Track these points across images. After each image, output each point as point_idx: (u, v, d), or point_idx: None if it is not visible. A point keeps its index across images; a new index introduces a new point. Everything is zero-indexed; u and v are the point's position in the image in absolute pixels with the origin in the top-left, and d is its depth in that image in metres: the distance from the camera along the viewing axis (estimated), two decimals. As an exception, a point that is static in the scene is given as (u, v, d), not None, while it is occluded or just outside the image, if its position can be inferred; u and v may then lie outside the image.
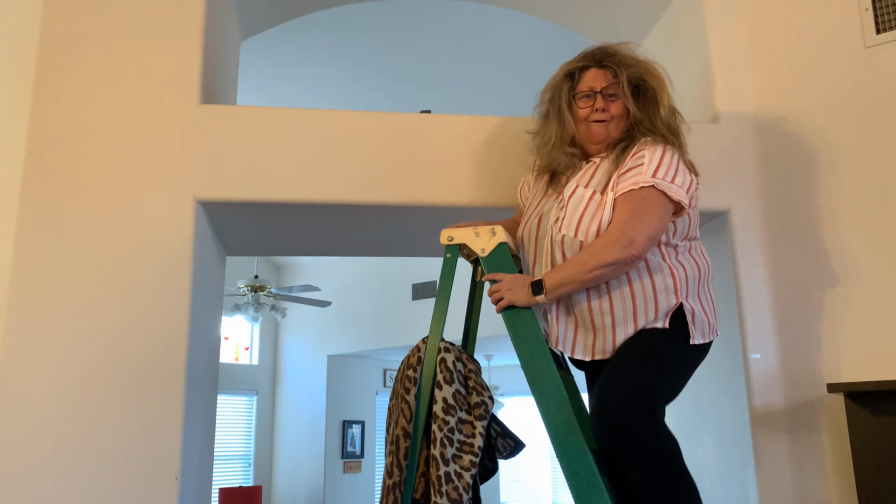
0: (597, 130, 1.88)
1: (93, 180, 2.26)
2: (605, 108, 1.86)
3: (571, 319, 1.85)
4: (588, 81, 1.89)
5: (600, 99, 1.86)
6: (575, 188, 1.85)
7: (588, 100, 1.88)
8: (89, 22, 2.37)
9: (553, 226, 1.85)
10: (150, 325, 2.19)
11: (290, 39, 4.79)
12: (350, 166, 2.38)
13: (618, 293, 1.77)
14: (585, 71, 1.91)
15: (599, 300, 1.79)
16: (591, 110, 1.87)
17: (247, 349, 9.97)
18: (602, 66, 1.89)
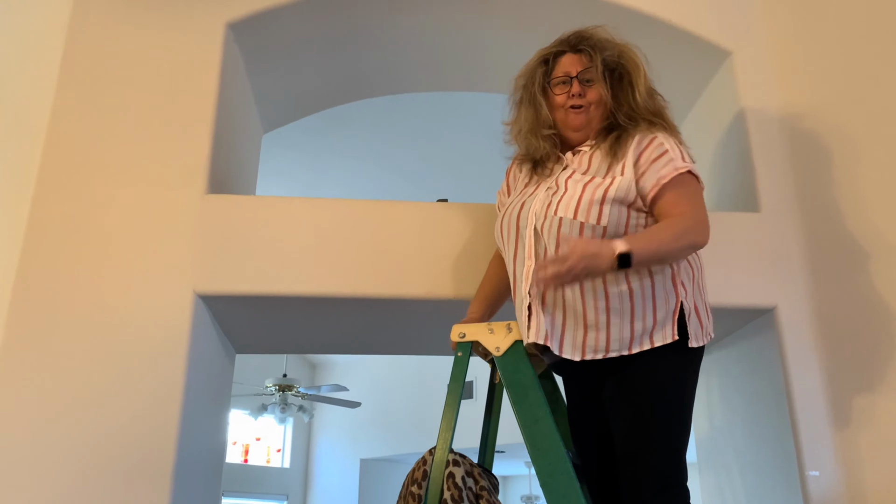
0: (575, 118, 1.80)
1: (91, 269, 2.15)
2: (581, 94, 1.78)
3: (560, 313, 1.68)
4: (563, 66, 1.82)
5: (576, 84, 1.79)
6: (571, 174, 1.77)
7: (564, 86, 1.81)
8: (98, 109, 2.33)
9: (543, 210, 1.71)
10: (139, 421, 2.03)
11: (319, 134, 4.82)
12: (362, 258, 2.24)
13: (615, 290, 1.65)
14: (561, 56, 1.84)
15: (595, 297, 1.66)
16: (568, 96, 1.80)
17: (278, 451, 9.73)
18: (577, 50, 1.82)
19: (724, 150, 2.63)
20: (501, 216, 1.85)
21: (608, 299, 1.66)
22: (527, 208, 1.77)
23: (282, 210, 2.27)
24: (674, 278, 1.71)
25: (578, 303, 1.67)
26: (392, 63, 3.05)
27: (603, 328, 1.67)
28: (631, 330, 1.67)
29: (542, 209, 1.73)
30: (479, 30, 2.85)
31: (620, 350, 1.67)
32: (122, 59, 2.39)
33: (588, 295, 1.66)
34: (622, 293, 1.66)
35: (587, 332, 1.68)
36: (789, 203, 2.41)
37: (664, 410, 1.66)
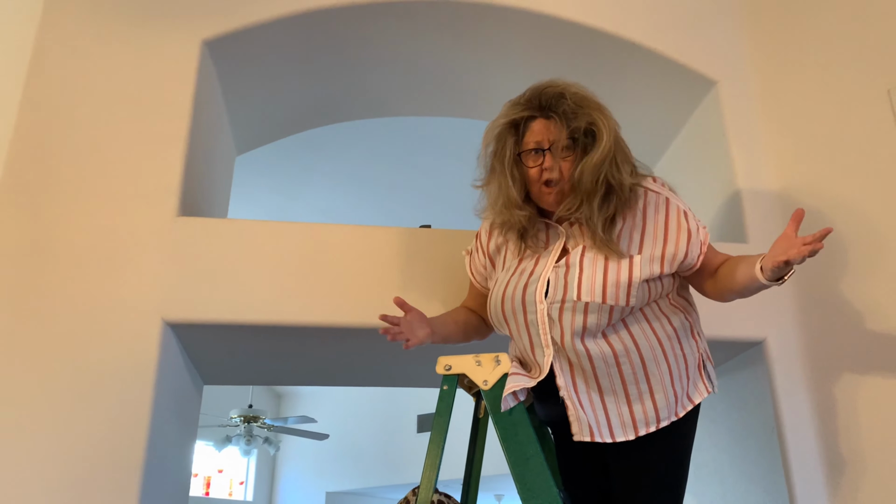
0: (549, 196, 1.64)
1: (54, 294, 2.03)
2: (553, 167, 1.61)
3: (597, 395, 1.59)
4: (534, 135, 1.64)
5: (549, 158, 1.61)
6: (583, 250, 1.62)
7: (536, 156, 1.63)
8: (65, 125, 2.22)
9: (559, 294, 1.58)
10: (103, 454, 1.91)
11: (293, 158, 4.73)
12: (339, 285, 2.14)
13: (649, 354, 1.59)
14: (531, 122, 1.65)
15: (633, 368, 1.58)
16: (540, 170, 1.62)
17: (241, 484, 9.47)
18: (548, 116, 1.63)
19: (710, 179, 2.60)
20: (500, 298, 1.68)
21: (645, 367, 1.59)
22: (531, 289, 1.63)
23: (257, 234, 2.17)
24: (692, 329, 1.68)
25: (616, 379, 1.59)
26: (370, 86, 2.99)
27: (647, 397, 1.59)
28: (674, 393, 1.61)
29: (555, 293, 1.60)
30: (459, 55, 2.81)
31: (669, 417, 1.60)
32: (91, 74, 2.29)
33: (625, 367, 1.59)
34: (657, 356, 1.60)
35: (632, 407, 1.59)
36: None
37: (674, 461, 1.62)
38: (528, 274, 1.66)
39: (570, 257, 1.63)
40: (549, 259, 1.65)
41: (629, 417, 1.59)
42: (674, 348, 1.62)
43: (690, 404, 1.62)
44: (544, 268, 1.64)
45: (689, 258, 1.63)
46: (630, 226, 1.62)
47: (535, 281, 1.63)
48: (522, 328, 1.64)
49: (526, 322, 1.63)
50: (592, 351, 1.58)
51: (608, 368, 1.58)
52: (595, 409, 1.60)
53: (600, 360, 1.58)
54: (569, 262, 1.62)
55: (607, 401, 1.60)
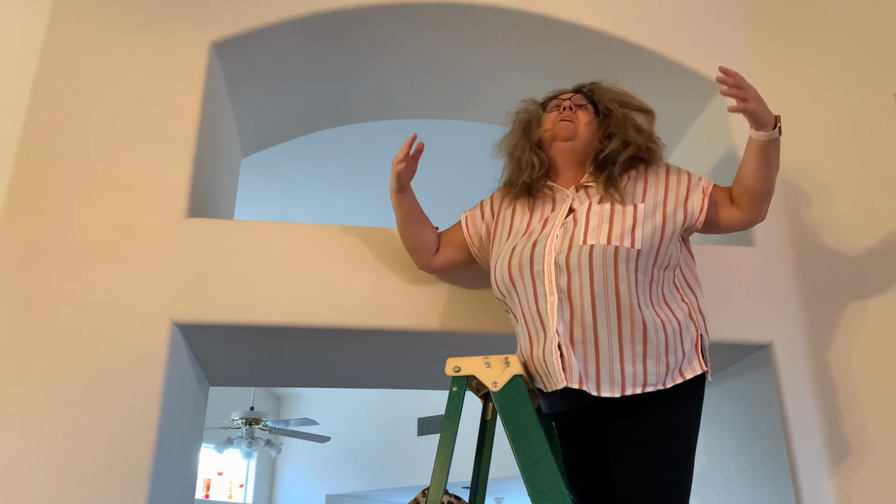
0: (563, 127, 1.85)
1: (63, 295, 2.03)
2: (571, 109, 1.86)
3: (592, 349, 1.62)
4: (557, 100, 1.92)
5: (569, 104, 1.87)
6: (589, 204, 1.75)
7: (556, 110, 1.89)
8: (73, 127, 2.22)
9: (566, 244, 1.67)
10: (111, 456, 1.90)
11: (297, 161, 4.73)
12: (348, 287, 2.15)
13: (651, 321, 1.63)
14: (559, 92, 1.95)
15: (633, 327, 1.62)
16: (559, 112, 1.87)
17: (241, 486, 9.46)
18: (573, 90, 1.93)
19: (716, 182, 2.59)
20: (508, 258, 1.76)
21: (645, 330, 1.62)
22: (540, 246, 1.71)
23: (263, 235, 2.18)
24: (692, 309, 1.72)
25: (614, 336, 1.62)
26: (376, 89, 3.00)
27: (640, 360, 1.61)
28: (666, 363, 1.63)
29: (562, 243, 1.68)
30: (464, 58, 2.81)
31: (657, 384, 1.62)
32: (100, 75, 2.29)
33: (626, 325, 1.62)
34: (657, 325, 1.63)
35: (624, 365, 1.61)
36: (784, 237, 2.39)
37: (673, 455, 1.61)
38: (538, 233, 1.75)
39: (577, 213, 1.74)
40: (557, 219, 1.75)
41: (619, 374, 1.61)
42: (671, 322, 1.66)
43: (681, 378, 1.64)
44: (553, 226, 1.74)
45: (691, 205, 1.76)
46: (634, 181, 1.79)
47: (545, 238, 1.72)
48: (528, 281, 1.69)
49: (532, 274, 1.69)
50: (598, 299, 1.61)
51: (609, 322, 1.61)
52: (588, 359, 1.61)
53: (603, 310, 1.61)
54: (576, 217, 1.73)
55: (601, 354, 1.61)
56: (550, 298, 1.65)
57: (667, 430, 1.62)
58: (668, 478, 1.59)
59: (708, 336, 1.75)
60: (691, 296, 1.76)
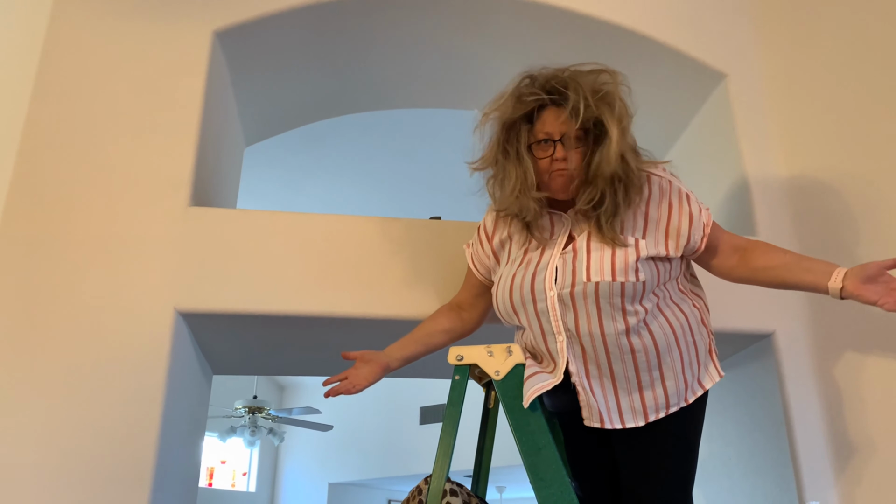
0: (558, 183, 1.62)
1: (67, 283, 2.04)
2: (565, 158, 1.59)
3: (609, 382, 1.61)
4: (545, 125, 1.60)
5: (560, 149, 1.59)
6: (589, 234, 1.63)
7: (546, 146, 1.60)
8: (77, 116, 2.22)
9: (569, 279, 1.60)
10: (115, 444, 1.91)
11: (300, 151, 4.73)
12: (351, 276, 2.15)
13: (663, 342, 1.60)
14: (542, 110, 1.61)
15: (647, 355, 1.59)
16: (551, 161, 1.60)
17: (244, 475, 9.50)
18: (558, 104, 1.60)
19: (719, 172, 2.60)
20: (507, 290, 1.69)
21: (659, 354, 1.60)
22: (540, 277, 1.64)
23: (267, 225, 2.18)
24: (702, 312, 1.71)
25: (630, 367, 1.60)
26: (378, 78, 2.99)
27: (658, 384, 1.61)
28: (685, 380, 1.63)
29: (564, 278, 1.61)
30: (466, 48, 2.81)
31: (679, 403, 1.62)
32: (102, 64, 2.29)
33: (640, 355, 1.60)
34: (670, 343, 1.61)
35: (643, 394, 1.61)
36: (786, 226, 2.38)
37: (682, 450, 1.63)
38: (536, 264, 1.67)
39: (577, 243, 1.64)
40: (555, 248, 1.67)
41: (640, 404, 1.61)
42: (685, 335, 1.64)
43: (701, 389, 1.65)
44: (551, 256, 1.65)
45: (692, 241, 1.65)
46: (634, 210, 1.63)
47: (543, 269, 1.64)
48: (533, 318, 1.65)
49: (536, 311, 1.64)
50: (608, 336, 1.58)
51: (622, 356, 1.59)
52: (606, 395, 1.61)
53: (615, 346, 1.59)
54: (575, 248, 1.63)
55: (619, 388, 1.61)
56: (559, 338, 1.62)
57: (674, 427, 1.62)
58: (671, 468, 1.60)
59: (713, 338, 1.75)
60: (698, 296, 1.74)
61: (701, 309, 1.71)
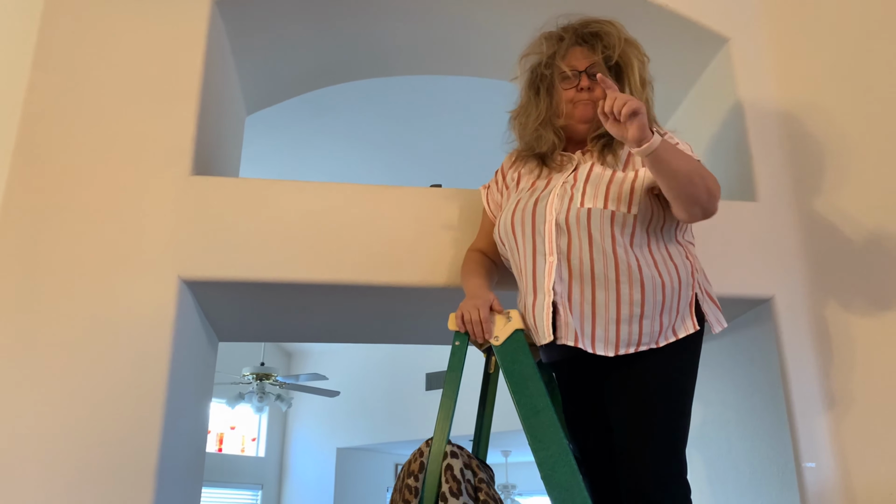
0: (583, 110, 1.78)
1: (70, 253, 2.06)
2: (590, 88, 1.76)
3: (589, 309, 1.65)
4: (571, 61, 1.79)
5: (584, 79, 1.77)
6: (591, 166, 1.74)
7: (571, 80, 1.78)
8: (77, 86, 2.23)
9: (565, 204, 1.68)
10: (122, 411, 1.95)
11: (302, 119, 4.72)
12: (353, 244, 2.17)
13: (650, 283, 1.65)
14: (569, 49, 1.80)
15: (631, 289, 1.63)
16: (576, 90, 1.77)
17: (253, 440, 9.63)
18: (584, 42, 1.80)
19: (721, 138, 2.59)
20: (511, 212, 1.79)
21: (643, 291, 1.63)
22: (542, 203, 1.73)
23: (270, 193, 2.19)
24: (694, 268, 1.74)
25: (612, 297, 1.64)
26: (380, 45, 2.98)
27: (636, 321, 1.64)
28: (660, 323, 1.65)
29: (562, 203, 1.69)
30: (470, 13, 2.78)
31: (650, 343, 1.64)
32: (102, 34, 2.29)
33: (624, 288, 1.64)
34: (656, 285, 1.65)
35: (619, 326, 1.64)
36: (786, 192, 2.39)
37: (668, 404, 1.64)
38: (540, 191, 1.77)
39: (579, 172, 1.74)
40: (560, 179, 1.75)
41: (614, 335, 1.64)
42: (672, 282, 1.67)
43: (674, 337, 1.66)
44: (555, 186, 1.74)
45: None
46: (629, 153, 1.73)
47: (546, 196, 1.73)
48: (529, 239, 1.72)
49: (533, 232, 1.71)
50: (597, 262, 1.64)
51: (607, 284, 1.63)
52: (584, 320, 1.64)
53: (602, 274, 1.63)
54: (577, 176, 1.73)
55: (598, 315, 1.64)
56: (550, 259, 1.67)
57: (661, 382, 1.65)
58: (662, 428, 1.62)
59: (711, 292, 1.77)
60: (693, 254, 1.78)
61: (693, 263, 1.75)
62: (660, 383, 1.64)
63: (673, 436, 1.63)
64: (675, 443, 1.64)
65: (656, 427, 1.62)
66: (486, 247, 1.97)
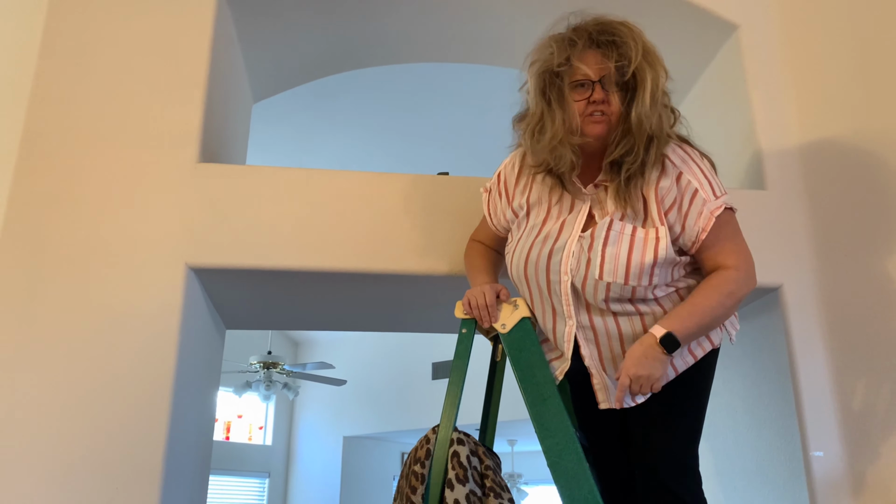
0: (596, 127, 1.55)
1: (78, 240, 2.06)
2: (605, 100, 1.53)
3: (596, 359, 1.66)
4: (583, 66, 1.53)
5: (599, 90, 1.53)
6: (610, 223, 1.58)
7: (583, 90, 1.54)
8: (84, 73, 2.23)
9: (582, 269, 1.58)
10: (129, 399, 1.96)
11: (309, 107, 4.71)
12: (360, 231, 2.17)
13: None
14: (582, 53, 1.54)
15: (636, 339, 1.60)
16: (587, 103, 1.54)
17: (260, 428, 9.67)
18: (598, 46, 1.54)
19: (730, 126, 2.58)
20: (523, 260, 1.67)
21: None
22: (556, 258, 1.62)
23: (277, 181, 2.19)
24: None
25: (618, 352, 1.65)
26: (387, 32, 2.96)
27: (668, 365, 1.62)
28: (691, 353, 1.66)
29: (578, 265, 1.60)
30: (477, 1, 2.77)
31: (678, 370, 1.65)
32: (109, 21, 2.29)
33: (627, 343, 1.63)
34: None
35: None
36: (796, 180, 2.37)
37: (689, 399, 1.66)
38: (553, 241, 1.64)
39: (596, 230, 1.59)
40: (574, 226, 1.63)
41: None
42: None
43: (693, 360, 1.66)
44: (569, 236, 1.62)
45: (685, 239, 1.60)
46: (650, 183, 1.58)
47: (560, 250, 1.62)
48: (546, 297, 1.67)
49: (549, 290, 1.65)
50: (623, 326, 1.62)
51: (636, 338, 1.62)
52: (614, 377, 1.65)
53: (630, 332, 1.62)
54: (594, 234, 1.59)
55: (608, 370, 1.66)
56: (569, 322, 1.65)
57: (684, 379, 1.65)
58: (681, 419, 1.65)
59: None
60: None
61: None
62: (682, 380, 1.65)
63: (689, 427, 1.66)
64: (690, 434, 1.66)
65: (672, 418, 1.64)
66: (489, 240, 1.92)
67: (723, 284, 1.59)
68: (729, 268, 1.61)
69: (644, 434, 1.66)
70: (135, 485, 1.89)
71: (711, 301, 1.58)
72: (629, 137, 1.53)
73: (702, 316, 1.57)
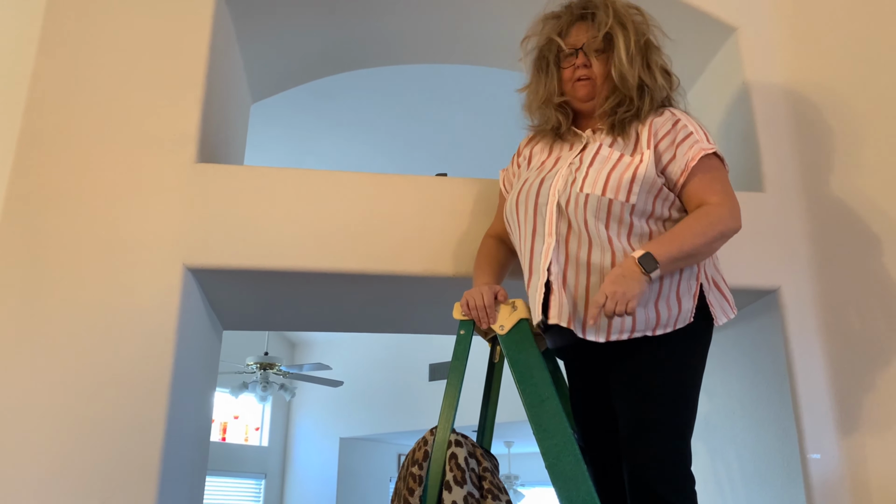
0: (581, 88, 1.78)
1: (75, 240, 2.06)
2: (587, 64, 1.76)
3: (583, 294, 1.63)
4: (570, 40, 1.79)
5: (581, 55, 1.77)
6: (598, 147, 1.73)
7: (571, 58, 1.78)
8: (82, 72, 2.22)
9: (567, 187, 1.68)
10: (127, 400, 1.95)
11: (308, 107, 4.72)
12: (358, 232, 2.16)
13: None
14: (570, 26, 1.80)
15: None
16: (574, 69, 1.78)
17: (257, 429, 9.66)
18: (582, 17, 1.80)
19: (728, 128, 2.58)
20: (517, 192, 1.79)
21: None
22: (547, 184, 1.73)
23: (275, 181, 2.19)
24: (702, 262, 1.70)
25: None
26: (386, 33, 2.96)
27: None
28: (657, 312, 1.62)
29: (564, 185, 1.69)
30: (476, 1, 2.77)
31: (645, 331, 1.62)
32: (107, 19, 2.28)
33: None
34: None
35: None
36: (794, 182, 2.37)
37: (672, 395, 1.62)
38: (548, 170, 1.77)
39: (585, 153, 1.74)
40: (568, 160, 1.75)
41: (605, 321, 1.61)
42: (672, 271, 1.63)
43: (672, 328, 1.62)
44: (562, 166, 1.74)
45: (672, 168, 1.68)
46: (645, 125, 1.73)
47: (552, 176, 1.74)
48: (530, 219, 1.72)
49: (535, 213, 1.72)
50: (594, 248, 1.63)
51: (602, 270, 1.62)
52: (577, 302, 1.63)
53: (598, 260, 1.62)
54: (582, 158, 1.73)
55: (591, 300, 1.62)
56: (548, 240, 1.67)
57: (666, 373, 1.62)
58: (667, 418, 1.60)
59: (719, 281, 1.74)
60: None
61: None
62: (665, 374, 1.62)
63: (676, 427, 1.61)
64: (678, 434, 1.61)
65: (659, 418, 1.60)
66: (502, 231, 1.95)
67: (704, 215, 1.64)
68: (713, 203, 1.66)
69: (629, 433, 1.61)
70: (131, 485, 1.89)
71: (693, 228, 1.62)
72: (617, 93, 1.73)
73: (682, 241, 1.59)
